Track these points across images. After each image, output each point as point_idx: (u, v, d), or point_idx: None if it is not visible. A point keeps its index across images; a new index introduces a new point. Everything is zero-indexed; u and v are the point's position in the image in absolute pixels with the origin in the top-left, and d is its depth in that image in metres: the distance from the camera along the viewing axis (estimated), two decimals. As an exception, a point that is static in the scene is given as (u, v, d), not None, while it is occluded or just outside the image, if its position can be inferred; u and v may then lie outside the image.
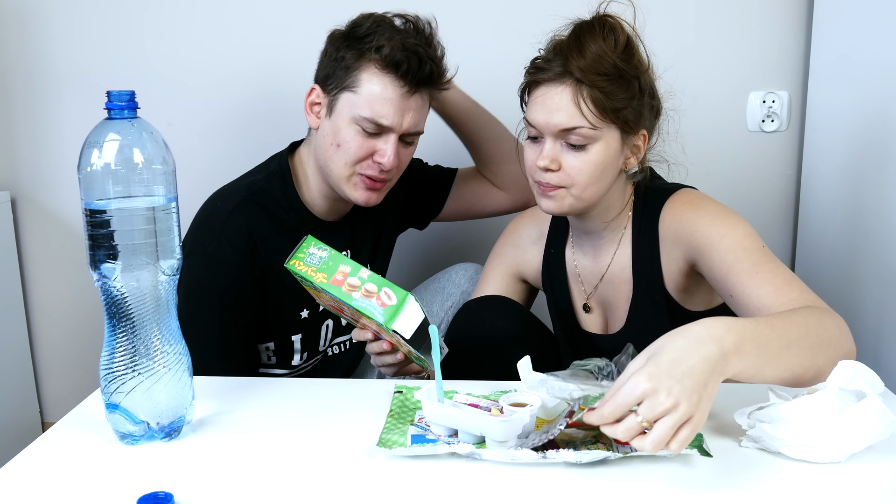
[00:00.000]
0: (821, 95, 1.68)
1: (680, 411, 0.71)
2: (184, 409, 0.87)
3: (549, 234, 1.29)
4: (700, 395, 0.73)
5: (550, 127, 1.07)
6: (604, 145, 1.08)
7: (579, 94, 1.05)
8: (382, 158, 1.22)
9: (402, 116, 1.20)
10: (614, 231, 1.20)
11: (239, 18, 1.79)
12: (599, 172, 1.09)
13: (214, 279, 1.23)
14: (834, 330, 0.90)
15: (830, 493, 0.74)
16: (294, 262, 1.01)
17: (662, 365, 0.73)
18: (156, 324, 0.84)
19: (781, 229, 1.83)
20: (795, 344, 0.84)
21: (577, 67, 1.05)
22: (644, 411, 0.72)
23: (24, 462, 0.82)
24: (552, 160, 1.08)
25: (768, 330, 0.82)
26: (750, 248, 1.03)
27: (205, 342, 1.16)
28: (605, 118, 1.06)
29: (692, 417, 0.72)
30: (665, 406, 0.71)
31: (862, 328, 1.49)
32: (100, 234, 0.80)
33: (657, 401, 0.71)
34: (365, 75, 1.19)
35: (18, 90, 1.84)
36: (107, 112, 0.82)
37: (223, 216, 1.25)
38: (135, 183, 0.81)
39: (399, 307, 0.97)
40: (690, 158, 1.34)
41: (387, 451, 0.81)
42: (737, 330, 0.78)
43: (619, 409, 0.73)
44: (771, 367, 0.81)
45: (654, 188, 1.19)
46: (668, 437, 0.72)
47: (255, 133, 1.83)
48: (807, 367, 0.84)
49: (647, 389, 0.72)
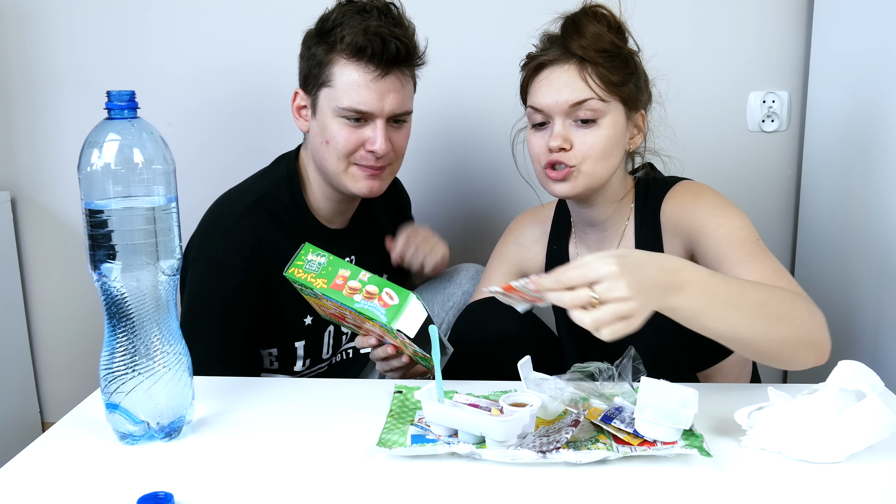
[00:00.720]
0: (821, 95, 1.68)
1: (629, 304, 0.78)
2: (184, 409, 0.87)
3: (552, 231, 1.30)
4: (648, 302, 0.80)
5: (560, 105, 1.10)
6: (611, 120, 1.12)
7: (584, 70, 1.10)
8: (373, 146, 1.22)
9: (381, 100, 1.20)
10: (618, 224, 1.21)
11: (239, 18, 1.79)
12: (610, 147, 1.12)
13: (220, 286, 1.23)
14: (802, 312, 0.92)
15: (830, 493, 0.74)
16: (293, 269, 1.01)
17: (630, 262, 0.80)
18: (156, 324, 0.84)
19: (781, 229, 1.83)
20: (748, 309, 0.87)
21: (579, 46, 1.10)
22: (601, 291, 0.78)
23: (24, 462, 0.82)
24: (564, 139, 1.11)
25: (723, 285, 0.86)
26: (745, 239, 1.06)
27: (208, 348, 1.17)
28: (610, 91, 1.10)
29: (633, 317, 0.78)
30: (620, 294, 0.77)
31: (861, 327, 1.49)
32: (100, 234, 0.80)
33: (617, 286, 0.77)
34: (336, 68, 1.20)
35: (18, 90, 1.84)
36: (107, 112, 0.82)
37: (230, 222, 1.24)
38: (135, 183, 0.81)
39: (401, 306, 0.97)
40: (691, 158, 1.35)
41: (387, 451, 0.81)
42: (691, 271, 0.85)
43: (580, 280, 0.79)
44: (709, 318, 0.85)
45: (656, 180, 1.21)
46: (609, 322, 0.78)
47: (255, 133, 1.83)
48: (756, 335, 0.88)
49: (613, 273, 0.78)
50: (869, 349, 1.47)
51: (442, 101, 1.30)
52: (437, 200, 1.82)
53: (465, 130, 1.80)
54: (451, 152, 1.81)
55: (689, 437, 0.83)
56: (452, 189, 1.85)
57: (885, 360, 1.41)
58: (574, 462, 0.78)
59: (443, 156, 1.80)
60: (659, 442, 0.82)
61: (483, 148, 1.80)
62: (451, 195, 1.85)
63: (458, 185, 1.85)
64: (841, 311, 1.55)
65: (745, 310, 0.87)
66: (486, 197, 1.84)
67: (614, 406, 0.87)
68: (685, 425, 0.81)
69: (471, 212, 1.86)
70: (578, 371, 0.91)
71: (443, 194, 1.82)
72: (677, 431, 0.82)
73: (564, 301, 0.79)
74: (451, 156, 1.82)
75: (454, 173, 1.84)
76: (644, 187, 1.21)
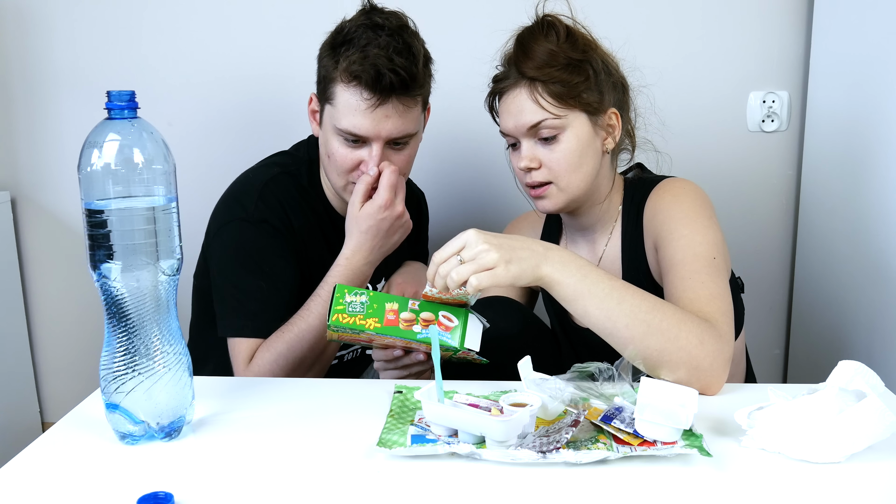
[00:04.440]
0: (821, 95, 1.68)
1: (490, 255, 0.90)
2: (184, 409, 0.87)
3: (543, 234, 1.32)
4: (513, 260, 0.91)
5: (520, 128, 1.13)
6: (573, 132, 1.13)
7: (535, 91, 1.12)
8: (367, 168, 1.22)
9: (376, 126, 1.19)
10: (606, 224, 1.23)
11: (239, 18, 1.79)
12: (577, 158, 1.14)
13: (255, 240, 1.25)
14: (690, 336, 0.94)
15: (830, 493, 0.74)
16: (336, 316, 0.96)
17: (495, 234, 0.93)
18: (156, 324, 0.84)
19: (781, 229, 1.83)
20: (629, 308, 0.94)
21: (529, 67, 1.12)
22: (465, 253, 0.91)
23: (24, 462, 0.82)
24: (531, 159, 1.14)
25: (604, 276, 0.95)
26: (699, 255, 1.06)
27: (240, 300, 1.22)
28: (565, 105, 1.12)
29: (496, 267, 0.90)
30: (480, 248, 0.90)
31: (861, 327, 1.49)
32: (100, 234, 0.80)
33: (476, 243, 0.91)
34: (338, 87, 1.19)
35: (18, 90, 1.84)
36: (107, 112, 0.82)
37: (259, 184, 1.28)
38: (135, 183, 0.81)
39: (463, 326, 0.97)
40: (691, 158, 1.35)
41: (387, 451, 0.81)
42: (560, 251, 0.95)
43: (449, 251, 0.92)
44: (590, 302, 0.94)
45: (642, 180, 1.23)
46: (471, 272, 0.89)
47: (255, 133, 1.83)
48: (634, 335, 0.93)
49: (473, 235, 0.91)
50: (867, 348, 1.47)
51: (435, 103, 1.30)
52: (438, 202, 1.82)
53: (465, 134, 1.80)
54: (451, 154, 1.81)
55: (689, 437, 0.83)
56: (453, 192, 1.85)
57: (884, 360, 1.41)
58: (574, 462, 0.78)
59: (442, 158, 1.80)
60: (659, 442, 0.82)
61: (485, 150, 1.80)
62: (453, 198, 1.85)
63: (459, 188, 1.85)
64: (840, 311, 1.55)
65: (626, 307, 0.93)
66: (487, 199, 1.84)
67: (614, 406, 0.87)
68: (685, 425, 0.81)
69: (471, 214, 1.86)
70: (578, 371, 0.90)
71: (444, 197, 1.82)
72: (677, 431, 0.82)
73: (441, 275, 0.91)
74: (451, 158, 1.82)
75: (455, 176, 1.84)
76: (632, 187, 1.22)
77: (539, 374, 0.90)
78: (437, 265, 0.92)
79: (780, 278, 1.85)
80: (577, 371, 0.91)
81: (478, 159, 1.82)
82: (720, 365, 0.95)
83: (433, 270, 0.93)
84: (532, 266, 0.93)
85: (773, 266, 1.84)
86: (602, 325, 0.95)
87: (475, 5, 1.75)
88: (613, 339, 0.95)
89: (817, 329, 1.67)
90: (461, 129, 1.79)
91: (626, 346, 0.94)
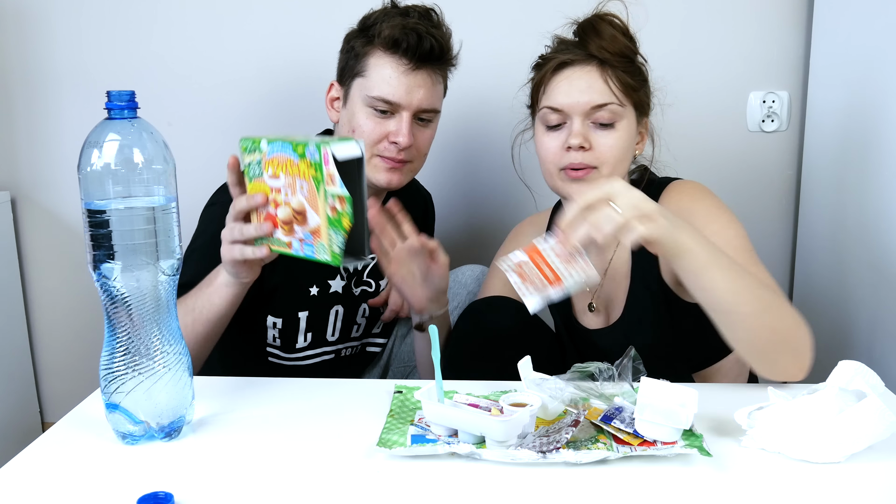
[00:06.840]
0: (821, 95, 1.68)
1: (648, 205, 0.85)
2: (184, 409, 0.87)
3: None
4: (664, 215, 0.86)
5: (581, 105, 1.11)
6: (627, 124, 1.13)
7: (605, 73, 1.11)
8: (397, 137, 1.24)
9: (410, 93, 1.23)
10: None
11: (239, 18, 1.79)
12: (625, 152, 1.14)
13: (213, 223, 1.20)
14: (793, 317, 0.93)
15: (830, 493, 0.74)
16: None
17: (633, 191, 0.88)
18: (156, 324, 0.84)
19: (781, 229, 1.83)
20: (747, 283, 0.90)
21: (598, 48, 1.11)
22: (620, 201, 0.85)
23: (24, 462, 0.82)
24: (585, 138, 1.11)
25: (722, 252, 0.91)
26: (739, 248, 1.06)
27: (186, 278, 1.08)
28: (628, 96, 1.12)
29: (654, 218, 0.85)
30: (637, 196, 0.86)
31: (861, 327, 1.49)
32: (100, 234, 0.80)
33: (632, 193, 0.85)
34: (372, 59, 1.24)
35: (18, 90, 1.84)
36: (107, 112, 0.82)
37: None
38: (135, 183, 0.81)
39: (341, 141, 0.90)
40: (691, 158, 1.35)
41: (387, 451, 0.81)
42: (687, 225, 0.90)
43: (600, 195, 0.85)
44: (716, 273, 0.89)
45: (650, 181, 1.22)
46: (637, 218, 0.84)
47: (255, 133, 1.82)
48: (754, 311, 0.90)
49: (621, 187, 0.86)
50: (867, 348, 1.47)
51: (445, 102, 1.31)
52: (442, 202, 1.82)
53: (471, 133, 1.80)
54: (457, 154, 1.81)
55: (689, 437, 0.83)
56: (458, 191, 1.84)
57: (885, 360, 1.41)
58: (574, 462, 0.78)
59: (448, 157, 1.80)
60: (659, 442, 0.82)
61: (489, 150, 1.80)
62: (457, 197, 1.85)
63: (463, 187, 1.85)
64: (840, 310, 1.55)
65: (745, 283, 0.90)
66: (491, 199, 1.84)
67: (614, 406, 0.87)
68: (685, 425, 0.81)
69: (475, 213, 1.86)
70: (578, 371, 0.91)
71: (448, 196, 1.82)
72: (677, 431, 0.82)
73: (592, 219, 0.84)
74: (456, 157, 1.82)
75: (459, 176, 1.84)
76: (640, 188, 1.21)
77: (539, 374, 0.90)
78: (583, 210, 0.85)
79: (780, 278, 1.84)
80: (576, 371, 0.91)
81: (483, 161, 1.82)
82: (812, 345, 0.95)
83: (577, 216, 0.85)
84: (673, 227, 0.87)
85: (773, 266, 1.84)
86: (724, 300, 0.90)
87: (483, 7, 1.74)
88: (731, 317, 0.91)
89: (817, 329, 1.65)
90: (468, 131, 1.79)
91: (738, 327, 0.91)
